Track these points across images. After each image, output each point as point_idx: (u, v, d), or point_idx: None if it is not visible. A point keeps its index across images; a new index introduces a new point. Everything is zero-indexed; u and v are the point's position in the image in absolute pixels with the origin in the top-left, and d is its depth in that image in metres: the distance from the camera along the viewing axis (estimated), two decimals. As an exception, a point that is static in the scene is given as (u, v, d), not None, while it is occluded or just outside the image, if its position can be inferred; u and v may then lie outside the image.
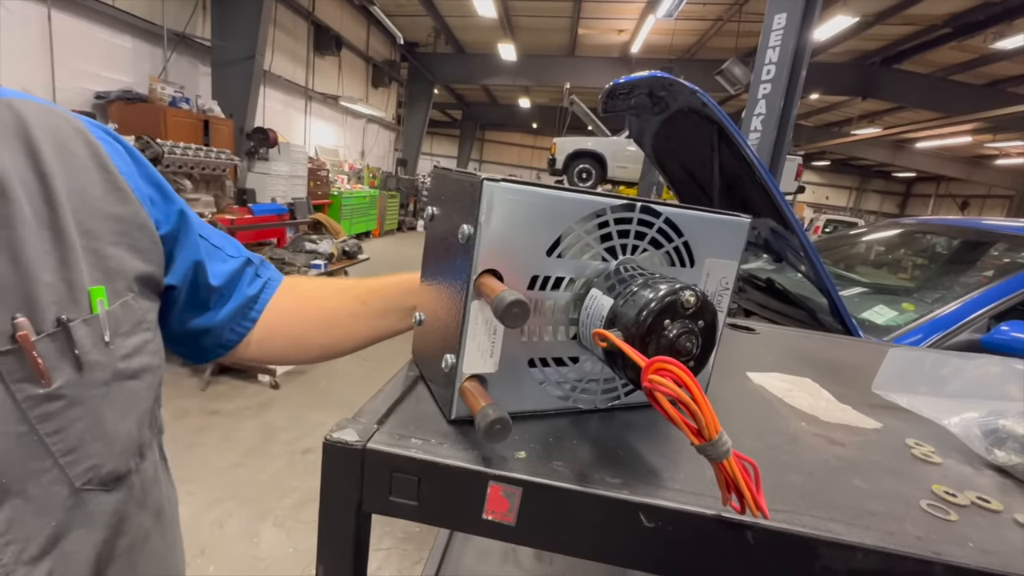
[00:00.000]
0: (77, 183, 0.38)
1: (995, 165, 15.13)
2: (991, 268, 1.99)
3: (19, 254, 0.33)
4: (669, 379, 0.23)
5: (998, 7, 6.98)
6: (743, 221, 0.41)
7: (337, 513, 0.30)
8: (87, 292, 0.37)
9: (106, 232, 0.39)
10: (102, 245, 0.39)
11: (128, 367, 0.40)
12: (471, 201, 0.32)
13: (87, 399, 0.37)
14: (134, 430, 0.41)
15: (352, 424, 0.31)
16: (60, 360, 0.35)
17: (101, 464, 0.38)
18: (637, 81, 1.76)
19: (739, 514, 0.26)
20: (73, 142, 0.39)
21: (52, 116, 0.39)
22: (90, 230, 0.38)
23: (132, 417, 0.41)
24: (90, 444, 0.37)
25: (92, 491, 0.38)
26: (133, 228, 0.41)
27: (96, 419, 0.37)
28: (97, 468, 0.38)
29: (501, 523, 0.29)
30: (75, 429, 0.36)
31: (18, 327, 0.33)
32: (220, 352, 0.55)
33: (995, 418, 0.41)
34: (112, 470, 0.39)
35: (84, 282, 0.37)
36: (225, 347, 0.54)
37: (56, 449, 0.35)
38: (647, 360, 0.24)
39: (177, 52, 5.57)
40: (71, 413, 0.35)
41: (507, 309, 0.27)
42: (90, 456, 0.37)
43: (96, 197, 0.39)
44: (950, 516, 0.31)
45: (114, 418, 0.39)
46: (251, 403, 2.94)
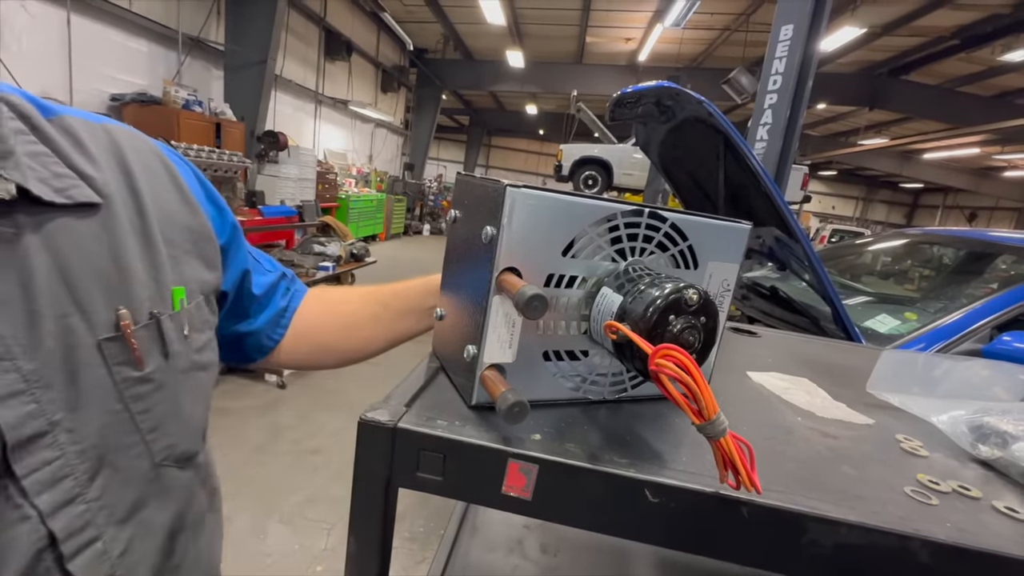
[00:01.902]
0: (160, 198, 0.43)
1: (1003, 177, 15.05)
2: (995, 279, 2.01)
3: (120, 255, 0.39)
4: (673, 363, 0.26)
5: (1007, 19, 6.98)
6: (744, 227, 0.44)
7: (369, 487, 0.33)
8: (171, 291, 0.42)
9: (182, 241, 0.45)
10: (179, 253, 0.44)
11: (200, 359, 0.45)
12: (494, 205, 0.35)
13: (170, 384, 0.41)
14: (202, 415, 0.46)
15: (384, 406, 0.34)
16: (151, 348, 0.40)
17: (177, 443, 0.42)
18: (644, 90, 1.79)
19: (735, 491, 0.29)
20: (154, 162, 0.45)
21: (136, 139, 0.45)
22: (171, 239, 0.43)
23: (201, 403, 0.46)
24: (170, 423, 0.41)
25: (168, 467, 0.42)
26: (202, 239, 0.46)
27: (176, 403, 0.42)
28: (174, 447, 0.42)
29: (519, 498, 0.32)
30: (159, 410, 0.40)
31: (121, 318, 0.37)
32: (257, 357, 0.60)
33: (980, 415, 0.43)
34: (185, 450, 0.44)
35: (169, 282, 0.42)
36: (262, 352, 0.60)
37: (144, 426, 0.39)
38: (653, 347, 0.27)
39: (191, 56, 5.67)
40: (157, 395, 0.40)
41: (528, 302, 0.30)
42: (169, 435, 0.41)
43: (174, 211, 0.44)
44: (931, 501, 0.33)
45: (189, 403, 0.43)
46: (258, 402, 2.98)
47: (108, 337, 0.37)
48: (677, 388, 0.27)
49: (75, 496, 0.35)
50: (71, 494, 0.35)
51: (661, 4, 7.84)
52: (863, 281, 2.66)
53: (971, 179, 15.07)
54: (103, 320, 0.37)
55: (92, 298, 0.37)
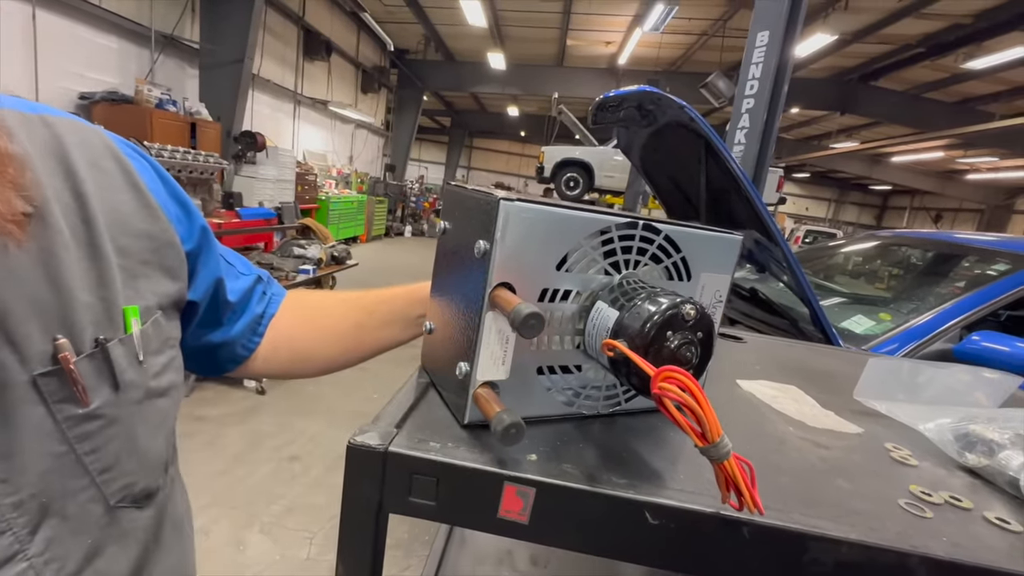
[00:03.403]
0: (110, 201, 0.38)
1: (966, 180, 15.66)
2: (962, 280, 2.07)
3: (58, 275, 0.34)
4: (676, 386, 0.25)
5: (968, 29, 7.27)
6: (736, 238, 0.44)
7: (359, 513, 0.32)
8: (122, 312, 0.37)
9: (138, 250, 0.39)
10: (134, 263, 0.39)
11: (158, 385, 0.40)
12: (488, 218, 0.34)
13: (123, 418, 0.37)
14: (162, 447, 0.42)
15: (373, 428, 0.33)
16: (98, 380, 0.35)
17: (135, 482, 0.39)
18: (626, 95, 1.80)
19: (737, 511, 0.28)
20: (105, 159, 0.39)
21: (84, 132, 0.39)
22: (123, 248, 0.38)
23: (161, 434, 0.41)
24: (125, 462, 0.37)
25: (126, 508, 0.38)
26: (163, 246, 0.42)
27: (130, 437, 0.38)
28: (131, 486, 0.38)
29: (515, 522, 0.31)
30: (111, 448, 0.36)
31: (59, 348, 0.33)
32: (231, 367, 0.56)
33: (966, 423, 0.44)
34: (144, 487, 0.40)
35: (120, 301, 0.37)
36: (236, 361, 0.56)
37: (93, 468, 0.35)
38: (655, 369, 0.27)
39: (164, 54, 5.52)
40: (108, 432, 0.36)
41: (525, 321, 0.29)
42: (125, 474, 0.37)
43: (128, 215, 0.39)
44: (926, 514, 0.34)
45: (146, 436, 0.39)
46: (237, 409, 2.91)
47: (44, 372, 0.32)
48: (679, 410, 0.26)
49: (14, 554, 0.32)
50: (9, 551, 0.31)
51: (640, 8, 7.94)
52: (838, 282, 2.73)
53: (936, 182, 15.64)
54: (38, 352, 0.32)
55: (24, 327, 0.32)
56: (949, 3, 6.67)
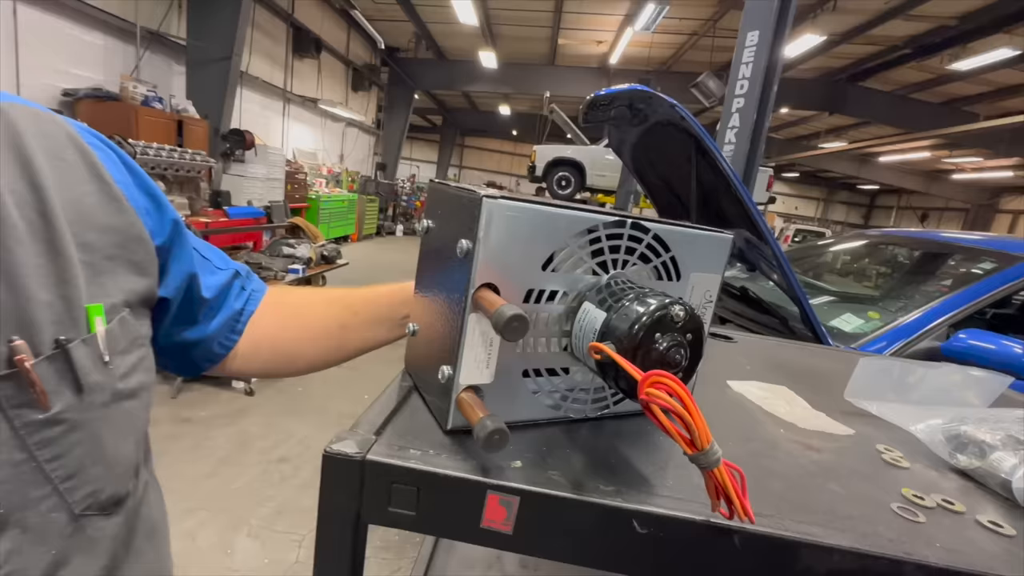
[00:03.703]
0: (72, 193, 0.36)
1: (952, 180, 15.88)
2: (949, 279, 2.09)
3: (14, 272, 0.32)
4: (665, 392, 0.24)
5: (953, 31, 7.36)
6: (726, 237, 0.43)
7: (336, 524, 0.30)
8: (85, 310, 0.35)
9: (103, 245, 0.37)
10: (99, 259, 0.37)
11: (126, 387, 0.38)
12: (470, 217, 0.33)
13: (87, 422, 0.35)
14: (132, 451, 0.40)
15: (351, 436, 0.32)
16: (59, 383, 0.33)
17: (101, 489, 0.37)
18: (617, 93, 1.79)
19: (727, 519, 0.27)
20: (66, 149, 0.37)
21: (43, 121, 0.37)
22: (86, 243, 0.36)
23: (130, 438, 0.40)
24: (90, 469, 0.36)
25: (92, 516, 0.36)
26: (130, 240, 0.40)
27: (96, 442, 0.36)
28: (97, 493, 0.36)
29: (499, 532, 0.30)
30: (75, 454, 0.34)
31: (15, 351, 0.31)
32: (207, 366, 0.54)
33: (957, 424, 0.43)
34: (112, 494, 0.38)
35: (82, 299, 0.35)
36: (212, 360, 0.54)
37: (56, 476, 0.34)
38: (643, 374, 0.26)
39: (150, 50, 5.43)
40: (71, 438, 0.34)
41: (507, 323, 0.28)
42: (90, 481, 0.36)
43: (92, 208, 0.37)
44: (918, 518, 0.33)
45: (113, 440, 0.37)
46: (225, 410, 2.87)
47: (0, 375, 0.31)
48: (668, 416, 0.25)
49: None
50: None
51: (632, 8, 7.95)
52: (828, 280, 2.74)
53: (923, 181, 15.85)
54: None
55: None
56: (935, 5, 6.75)
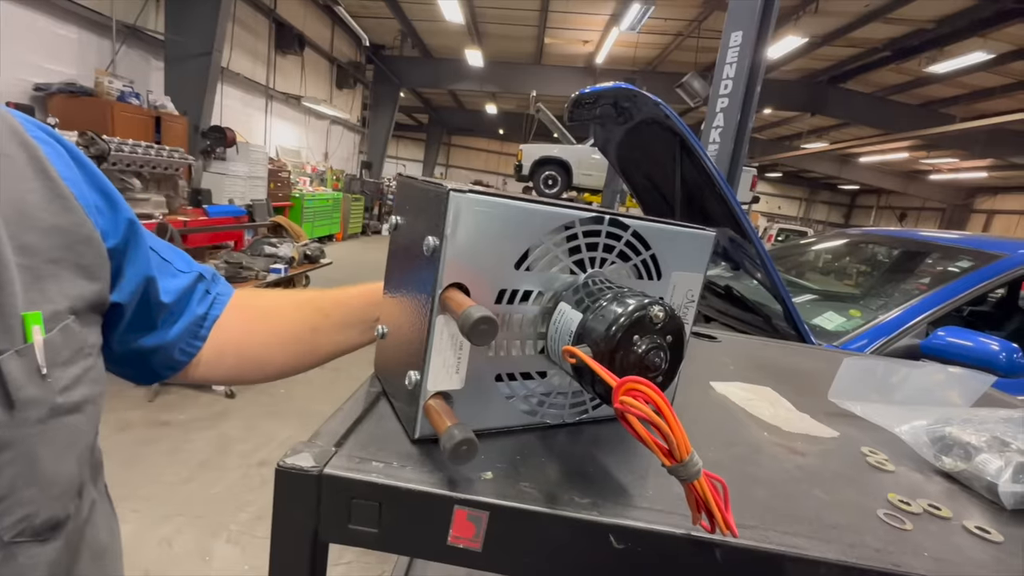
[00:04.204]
0: (11, 191, 0.33)
1: (929, 180, 16.25)
2: (928, 277, 2.12)
3: None
4: (641, 400, 0.22)
5: (931, 34, 7.52)
6: (708, 234, 0.41)
7: (291, 543, 0.28)
8: (21, 318, 0.32)
9: (45, 247, 0.34)
10: (40, 263, 0.34)
11: (68, 401, 0.35)
12: (437, 212, 0.31)
13: (20, 441, 0.32)
14: (74, 470, 0.37)
15: (308, 448, 0.30)
16: None
17: (34, 513, 0.33)
18: (602, 92, 1.78)
19: (709, 533, 0.26)
20: (7, 143, 0.34)
21: None
22: (25, 245, 0.33)
23: (72, 456, 0.36)
24: (22, 491, 0.32)
25: (24, 543, 0.33)
26: (77, 241, 0.36)
27: (29, 462, 0.33)
28: (30, 518, 0.33)
29: (467, 549, 0.28)
30: (5, 476, 0.31)
31: None
32: (167, 374, 0.51)
33: (941, 426, 0.43)
34: (48, 518, 0.35)
35: (17, 307, 0.32)
36: (174, 368, 0.51)
37: None
38: (618, 380, 0.24)
39: (127, 45, 5.29)
40: (1, 458, 0.31)
41: (474, 326, 0.26)
42: (22, 505, 0.32)
43: (34, 207, 0.34)
44: (905, 525, 0.32)
45: (51, 459, 0.34)
46: (204, 413, 2.80)
47: None
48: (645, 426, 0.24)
49: None
50: None
51: (617, 8, 7.98)
52: (810, 279, 2.77)
53: (901, 181, 16.19)
54: None
55: None
56: (913, 8, 6.88)
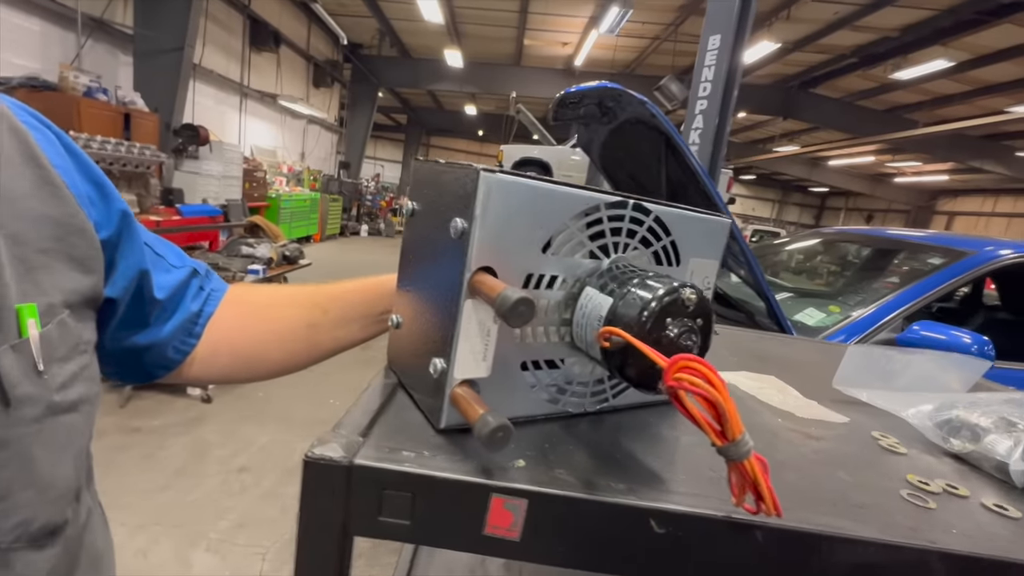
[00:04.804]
0: (2, 179, 0.31)
1: (894, 183, 16.89)
2: (902, 274, 2.20)
3: None
4: (698, 377, 0.22)
5: (896, 42, 7.81)
6: (724, 221, 0.42)
7: (319, 539, 0.27)
8: (15, 311, 0.31)
9: (37, 237, 0.32)
10: (31, 253, 0.32)
11: (64, 399, 0.34)
12: (465, 193, 0.30)
13: (15, 441, 0.30)
14: (71, 472, 0.35)
15: (334, 438, 0.28)
16: None
17: (32, 518, 0.32)
18: (587, 91, 1.79)
19: (752, 514, 0.26)
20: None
21: None
22: (17, 234, 0.31)
23: (69, 457, 0.35)
24: (18, 494, 0.31)
25: (21, 550, 0.31)
26: (70, 232, 0.34)
27: (25, 464, 0.31)
28: (27, 523, 0.31)
29: (504, 539, 0.27)
30: (1, 478, 0.30)
31: None
32: (160, 373, 0.49)
33: (948, 409, 0.44)
34: (46, 523, 0.33)
35: (11, 299, 0.31)
36: (167, 367, 0.49)
37: None
38: (667, 359, 0.23)
39: (93, 38, 5.10)
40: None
41: (513, 307, 0.25)
42: (19, 508, 0.31)
43: (24, 195, 0.32)
44: (929, 504, 0.32)
45: (48, 461, 0.32)
46: (179, 419, 2.71)
47: None
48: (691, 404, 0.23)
49: None
50: None
51: (596, 11, 8.06)
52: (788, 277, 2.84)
53: (868, 184, 16.77)
54: None
55: None
56: (879, 17, 7.14)
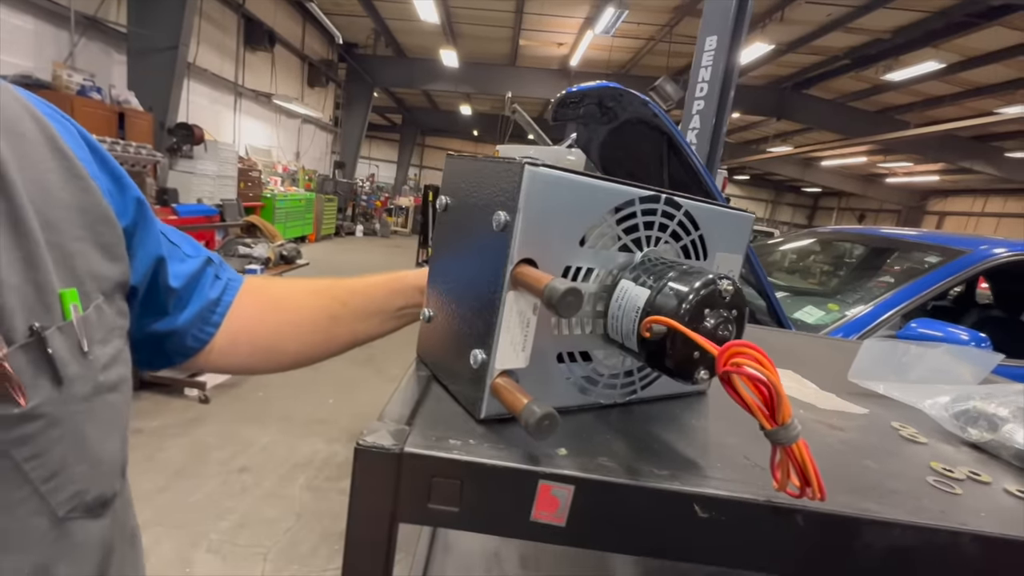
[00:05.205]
0: (32, 170, 0.32)
1: (886, 183, 17.05)
2: (899, 272, 2.22)
3: None
4: (754, 362, 0.23)
5: (887, 43, 7.89)
6: (749, 216, 0.42)
7: (369, 527, 0.27)
8: (58, 295, 0.32)
9: (69, 226, 0.33)
10: (66, 240, 0.33)
11: (108, 379, 0.35)
12: (508, 187, 0.30)
13: (68, 418, 0.32)
14: (117, 448, 0.37)
15: (382, 426, 0.29)
16: (36, 375, 0.30)
17: (87, 489, 0.33)
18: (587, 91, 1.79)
19: (794, 498, 0.26)
20: (22, 122, 0.33)
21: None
22: (51, 222, 0.32)
23: (115, 434, 0.36)
24: (74, 467, 0.32)
25: (77, 520, 0.33)
26: (97, 221, 0.35)
27: (79, 439, 0.32)
28: (82, 494, 0.33)
29: (551, 524, 0.27)
30: (56, 452, 0.31)
31: None
32: (179, 360, 0.50)
33: (965, 400, 0.45)
34: (98, 495, 0.35)
35: (54, 284, 0.31)
36: (185, 355, 0.49)
37: (35, 476, 0.30)
38: (718, 347, 0.24)
39: (86, 37, 5.06)
40: (51, 434, 0.30)
41: (563, 298, 0.26)
42: (74, 481, 0.32)
43: (55, 186, 0.33)
44: (956, 490, 0.33)
45: (98, 436, 0.34)
46: (178, 420, 2.69)
47: None
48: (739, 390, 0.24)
49: None
50: None
51: (592, 11, 8.08)
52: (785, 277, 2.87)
53: (860, 184, 16.92)
54: None
55: None
56: (871, 19, 7.21)
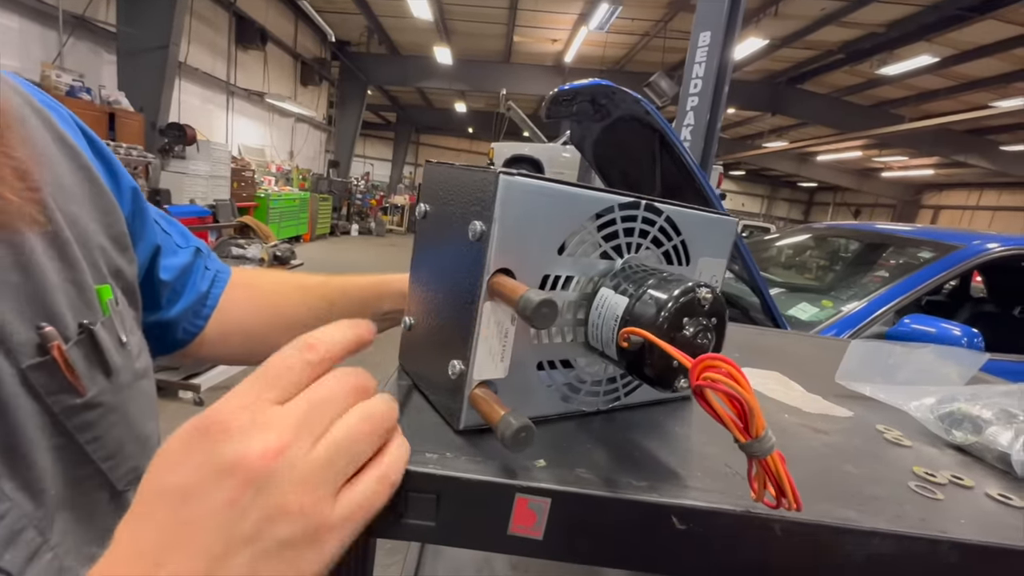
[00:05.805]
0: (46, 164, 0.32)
1: (881, 177, 17.10)
2: (892, 268, 2.23)
3: (26, 256, 0.29)
4: (725, 376, 0.22)
5: (882, 37, 7.91)
6: (731, 220, 0.42)
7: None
8: (95, 292, 0.34)
9: (88, 220, 0.34)
10: (89, 235, 0.34)
11: (140, 366, 0.38)
12: (484, 196, 0.30)
13: (119, 405, 0.35)
14: (155, 428, 0.41)
15: (357, 441, 0.28)
16: (91, 367, 0.33)
17: (139, 465, 0.37)
18: (580, 88, 1.79)
19: (772, 509, 0.26)
20: (30, 116, 0.33)
21: None
22: (73, 218, 0.33)
23: (152, 416, 0.40)
24: (128, 447, 0.36)
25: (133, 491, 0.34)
26: (106, 212, 0.36)
27: (128, 422, 0.36)
28: (137, 469, 0.37)
29: (528, 538, 0.27)
30: (113, 436, 0.35)
31: (47, 337, 0.30)
32: (172, 350, 0.50)
33: (949, 402, 0.45)
34: None
35: (90, 281, 0.33)
36: (176, 345, 0.50)
37: (97, 456, 0.34)
38: (691, 359, 0.24)
39: (75, 36, 5.01)
40: (108, 419, 0.34)
41: (537, 309, 0.26)
42: (130, 457, 0.36)
43: (66, 178, 0.33)
44: (937, 495, 0.33)
45: (141, 419, 0.38)
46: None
47: (34, 364, 0.29)
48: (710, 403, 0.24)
49: (39, 546, 0.30)
50: (34, 545, 0.30)
51: (586, 7, 8.06)
52: (780, 272, 2.87)
53: (856, 179, 16.97)
54: (23, 342, 0.29)
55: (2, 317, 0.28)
56: (865, 13, 7.22)
